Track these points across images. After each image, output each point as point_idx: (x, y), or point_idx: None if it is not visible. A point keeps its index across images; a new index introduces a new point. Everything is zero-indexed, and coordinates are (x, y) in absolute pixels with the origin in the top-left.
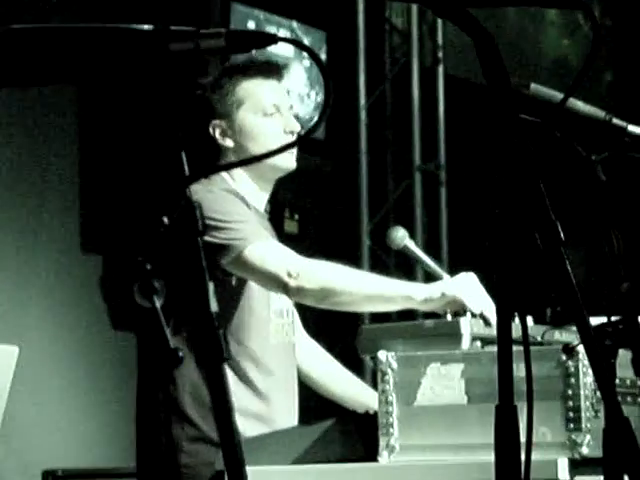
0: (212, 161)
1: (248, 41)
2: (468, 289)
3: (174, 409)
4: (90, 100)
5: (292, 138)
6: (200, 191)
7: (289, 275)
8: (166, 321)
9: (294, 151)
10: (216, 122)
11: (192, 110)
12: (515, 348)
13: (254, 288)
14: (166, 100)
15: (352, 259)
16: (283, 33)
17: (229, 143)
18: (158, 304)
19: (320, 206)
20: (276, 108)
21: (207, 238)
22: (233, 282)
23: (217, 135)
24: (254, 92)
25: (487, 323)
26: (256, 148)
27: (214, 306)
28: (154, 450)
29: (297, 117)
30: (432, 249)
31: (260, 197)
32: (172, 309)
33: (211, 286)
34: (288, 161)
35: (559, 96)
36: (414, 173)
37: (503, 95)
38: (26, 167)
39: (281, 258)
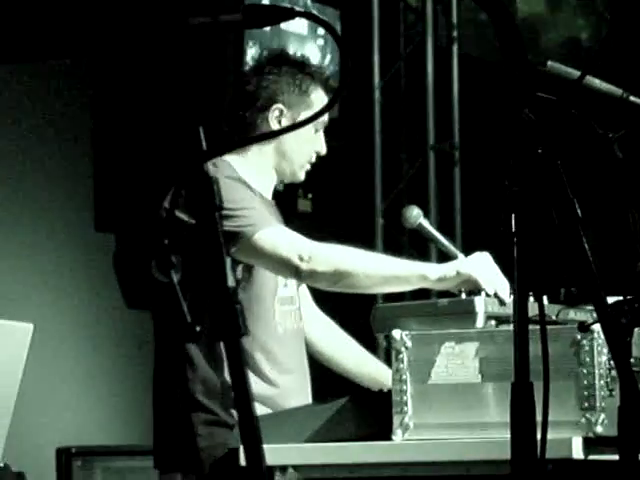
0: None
1: (265, 15)
2: (482, 268)
3: (186, 397)
4: (104, 77)
5: (314, 159)
6: None
7: (301, 259)
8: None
9: (309, 166)
10: (279, 106)
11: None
12: (529, 327)
13: (262, 276)
14: (185, 74)
15: (366, 238)
16: None
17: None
18: (176, 279)
19: (334, 185)
20: (322, 127)
21: None
22: (238, 274)
23: (272, 118)
24: (320, 105)
25: (501, 302)
26: (295, 148)
27: (231, 281)
28: (171, 427)
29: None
30: (446, 228)
31: (267, 185)
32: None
33: (228, 261)
34: (302, 175)
35: (576, 73)
36: (428, 152)
37: (520, 72)
38: (39, 146)
39: (292, 242)
